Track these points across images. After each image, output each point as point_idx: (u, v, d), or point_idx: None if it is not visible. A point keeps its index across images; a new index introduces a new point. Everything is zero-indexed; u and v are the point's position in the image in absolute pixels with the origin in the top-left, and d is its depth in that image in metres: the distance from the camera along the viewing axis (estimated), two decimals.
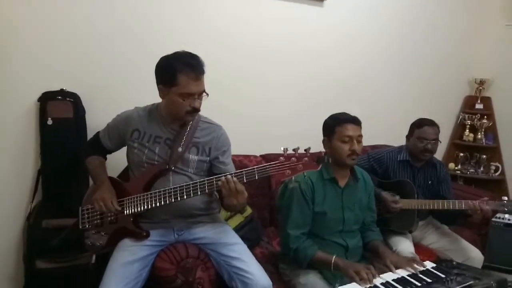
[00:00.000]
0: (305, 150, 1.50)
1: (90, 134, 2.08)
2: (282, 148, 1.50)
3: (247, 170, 1.53)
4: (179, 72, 1.59)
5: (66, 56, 2.19)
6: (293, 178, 1.51)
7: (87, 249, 1.80)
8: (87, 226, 1.78)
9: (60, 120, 2.12)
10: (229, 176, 1.53)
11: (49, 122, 2.11)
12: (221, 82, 2.40)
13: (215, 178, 1.58)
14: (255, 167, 1.53)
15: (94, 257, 1.82)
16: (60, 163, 2.12)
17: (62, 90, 2.15)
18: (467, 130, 3.65)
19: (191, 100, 1.63)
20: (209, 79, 1.69)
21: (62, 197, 2.12)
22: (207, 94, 1.68)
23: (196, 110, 1.67)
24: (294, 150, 1.50)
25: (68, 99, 2.15)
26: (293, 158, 1.49)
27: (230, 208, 1.69)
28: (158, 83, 1.67)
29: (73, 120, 2.15)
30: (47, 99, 2.12)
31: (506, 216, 2.95)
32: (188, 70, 1.59)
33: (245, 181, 1.54)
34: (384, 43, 3.24)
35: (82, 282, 2.05)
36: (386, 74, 3.30)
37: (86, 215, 1.79)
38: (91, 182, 1.94)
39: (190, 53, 1.66)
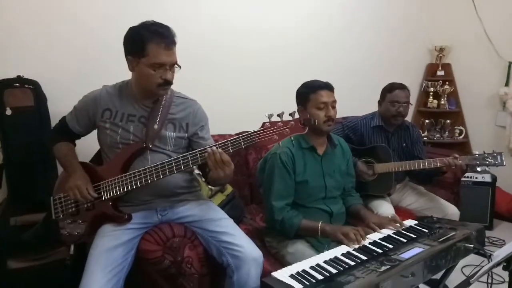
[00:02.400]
0: (290, 114, 1.46)
1: (54, 123, 1.94)
2: (266, 114, 1.46)
3: (232, 139, 1.47)
4: (148, 41, 1.51)
5: (22, 40, 2.04)
6: (280, 143, 1.48)
7: (64, 240, 1.70)
8: (61, 216, 1.68)
9: (20, 109, 1.99)
10: (214, 147, 1.48)
11: (8, 112, 1.98)
12: (191, 57, 2.32)
13: (199, 151, 1.52)
14: (240, 135, 1.47)
15: (72, 247, 1.72)
16: (24, 156, 2.00)
17: (19, 77, 2.02)
18: (431, 97, 3.78)
19: (162, 71, 1.55)
20: (179, 55, 1.61)
21: (29, 192, 1.99)
22: (179, 67, 1.60)
23: (168, 82, 1.59)
24: (278, 115, 1.46)
25: (27, 86, 2.02)
26: (279, 123, 1.45)
27: (217, 181, 1.62)
28: (126, 54, 1.58)
29: (35, 108, 2.03)
30: (3, 87, 1.98)
31: (474, 174, 3.10)
32: (158, 39, 1.52)
33: (231, 151, 1.48)
34: (348, 16, 3.29)
35: (59, 279, 1.94)
36: (350, 46, 3.34)
37: (59, 204, 1.69)
38: (60, 172, 1.82)
39: (159, 22, 1.58)
